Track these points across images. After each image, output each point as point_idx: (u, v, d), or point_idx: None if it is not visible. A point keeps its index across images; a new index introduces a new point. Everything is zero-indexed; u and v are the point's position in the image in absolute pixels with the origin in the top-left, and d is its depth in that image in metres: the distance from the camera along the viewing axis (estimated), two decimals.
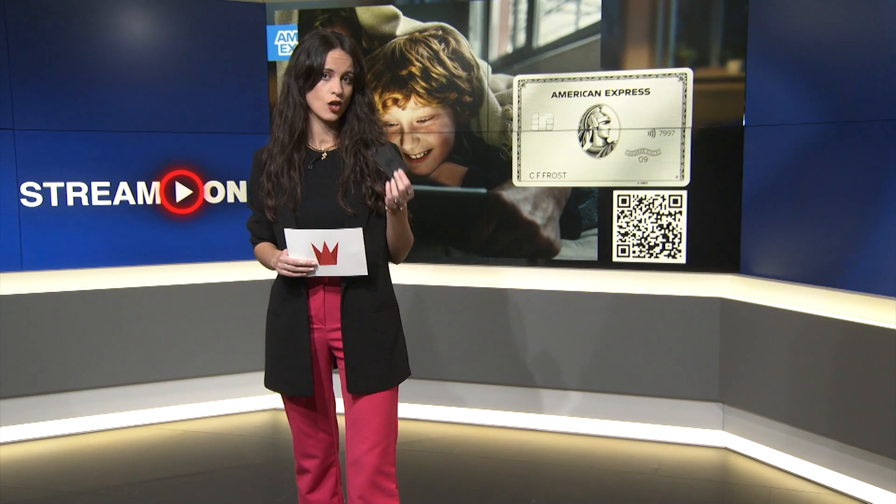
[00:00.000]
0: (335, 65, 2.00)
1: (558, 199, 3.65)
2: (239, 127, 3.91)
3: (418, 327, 3.78)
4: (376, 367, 2.07)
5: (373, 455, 2.04)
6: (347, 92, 2.03)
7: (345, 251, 1.95)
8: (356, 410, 2.07)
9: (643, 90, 3.48)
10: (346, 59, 2.02)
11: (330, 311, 2.07)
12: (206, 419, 3.92)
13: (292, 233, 1.97)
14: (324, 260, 1.96)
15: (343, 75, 2.02)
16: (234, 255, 3.87)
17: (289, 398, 2.14)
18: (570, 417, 3.71)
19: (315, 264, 1.97)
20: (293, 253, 1.98)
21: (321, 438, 2.16)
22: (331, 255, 1.96)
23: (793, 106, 3.18)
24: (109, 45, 3.70)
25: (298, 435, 2.16)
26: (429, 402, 3.87)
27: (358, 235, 1.94)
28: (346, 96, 2.03)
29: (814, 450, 3.15)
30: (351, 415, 2.09)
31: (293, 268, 1.99)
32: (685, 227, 3.49)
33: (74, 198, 3.69)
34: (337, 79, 2.01)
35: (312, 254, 1.96)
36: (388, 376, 2.08)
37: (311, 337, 2.08)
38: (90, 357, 3.69)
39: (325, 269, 1.98)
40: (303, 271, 1.99)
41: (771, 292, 3.28)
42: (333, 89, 2.00)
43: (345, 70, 2.02)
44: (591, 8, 3.54)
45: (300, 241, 1.96)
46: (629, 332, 3.55)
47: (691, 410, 3.53)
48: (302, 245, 1.96)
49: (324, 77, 2.01)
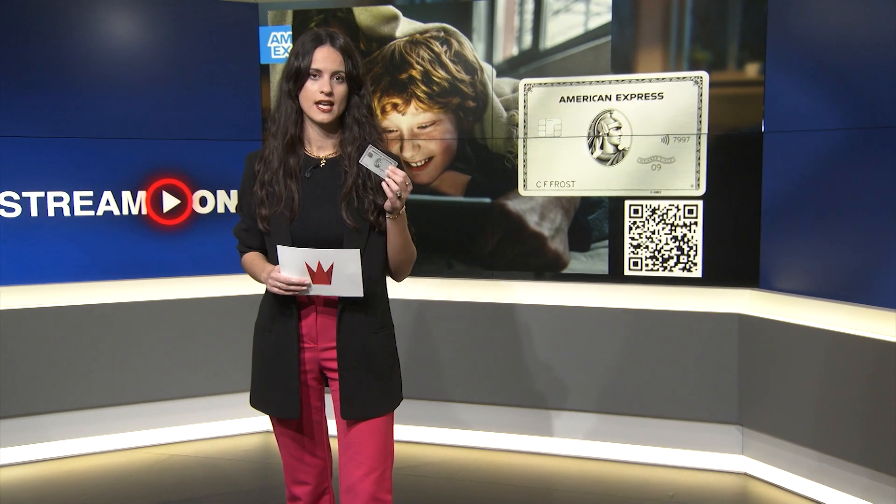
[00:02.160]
0: (323, 63, 1.96)
1: (567, 210, 3.59)
2: (229, 133, 3.85)
3: (419, 345, 3.73)
4: (373, 393, 2.04)
5: (369, 481, 2.01)
6: (339, 91, 1.99)
7: (340, 272, 1.90)
8: (350, 435, 2.04)
9: (656, 94, 3.42)
10: (334, 56, 1.98)
11: (322, 330, 2.03)
12: (193, 442, 3.84)
13: (285, 251, 1.92)
14: (317, 279, 1.92)
15: (333, 74, 1.98)
16: (224, 268, 3.79)
17: (278, 421, 2.10)
18: (580, 441, 3.65)
19: (308, 283, 1.93)
20: (285, 270, 1.93)
21: (313, 464, 2.12)
22: (325, 274, 1.91)
23: (815, 111, 3.12)
24: (93, 46, 3.63)
25: (289, 460, 2.12)
26: (430, 424, 3.80)
27: (355, 256, 1.89)
28: (338, 96, 1.99)
29: (841, 477, 3.05)
30: (345, 439, 2.05)
31: (284, 286, 1.94)
32: (701, 239, 3.43)
33: (55, 208, 3.61)
34: (326, 78, 1.97)
35: (306, 272, 1.92)
36: (384, 402, 2.06)
37: (301, 357, 2.04)
38: (70, 377, 3.60)
39: (318, 288, 1.94)
40: (294, 290, 1.94)
41: (792, 308, 3.20)
42: (322, 88, 1.96)
43: (334, 69, 1.98)
44: (601, 8, 3.47)
45: (293, 259, 1.91)
46: (642, 350, 3.48)
47: (708, 433, 3.46)
48: (295, 263, 1.91)
49: (312, 77, 1.97)
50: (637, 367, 3.49)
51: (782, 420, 3.20)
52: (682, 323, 3.41)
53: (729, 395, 3.37)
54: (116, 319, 3.65)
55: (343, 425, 2.04)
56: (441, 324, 3.72)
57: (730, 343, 3.35)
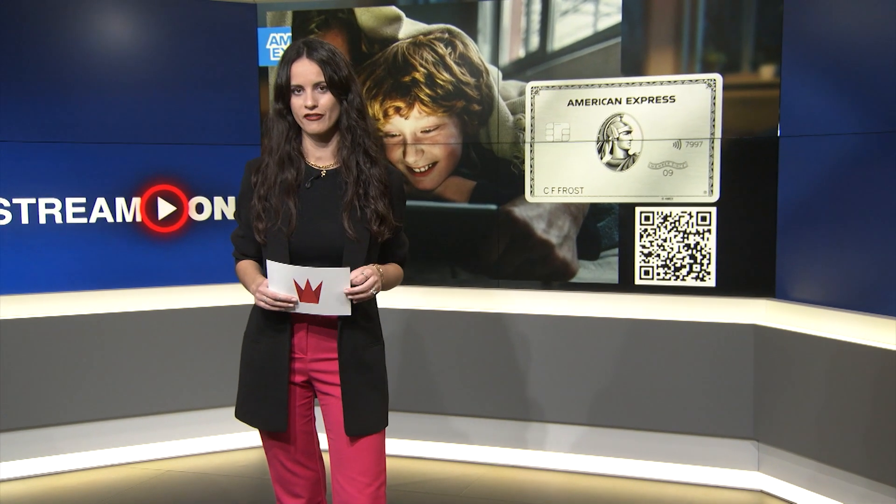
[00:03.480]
0: (302, 77, 1.99)
1: (575, 217, 3.56)
2: (227, 138, 3.81)
3: (420, 356, 3.69)
4: (372, 406, 2.06)
5: (364, 497, 2.03)
6: (324, 101, 2.01)
7: (329, 291, 1.92)
8: (344, 449, 2.05)
9: (668, 97, 3.40)
10: (310, 68, 1.99)
11: (313, 342, 2.05)
12: (188, 458, 3.78)
13: (275, 266, 1.94)
14: (305, 297, 1.94)
15: (315, 86, 2.00)
16: (221, 277, 3.75)
17: (268, 433, 2.11)
18: (588, 456, 3.60)
19: (295, 300, 1.95)
20: (273, 286, 1.96)
21: (306, 476, 2.13)
22: (313, 293, 1.93)
23: (833, 114, 3.09)
24: (85, 48, 3.58)
25: (282, 472, 2.13)
26: (430, 438, 3.75)
27: (345, 275, 1.92)
28: (323, 106, 2.01)
29: (863, 496, 2.99)
30: (338, 454, 2.07)
31: (271, 301, 1.96)
32: (714, 247, 3.40)
33: (47, 215, 3.57)
34: (308, 91, 2.00)
35: (293, 289, 1.93)
36: (382, 416, 2.09)
37: (291, 366, 2.05)
38: (60, 390, 3.55)
39: (305, 306, 1.96)
40: (281, 306, 1.96)
41: (810, 319, 3.17)
42: (305, 102, 2.00)
43: (314, 80, 1.99)
44: (611, 8, 3.44)
45: (282, 275, 1.93)
46: (653, 362, 3.45)
47: (723, 449, 3.42)
48: (283, 279, 1.93)
49: (294, 93, 2.01)
50: (648, 381, 3.45)
51: (800, 435, 3.16)
52: (695, 334, 3.38)
53: (744, 409, 3.33)
54: (109, 330, 3.61)
55: (338, 440, 2.05)
56: (444, 334, 3.68)
57: (745, 355, 3.31)
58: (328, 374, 2.04)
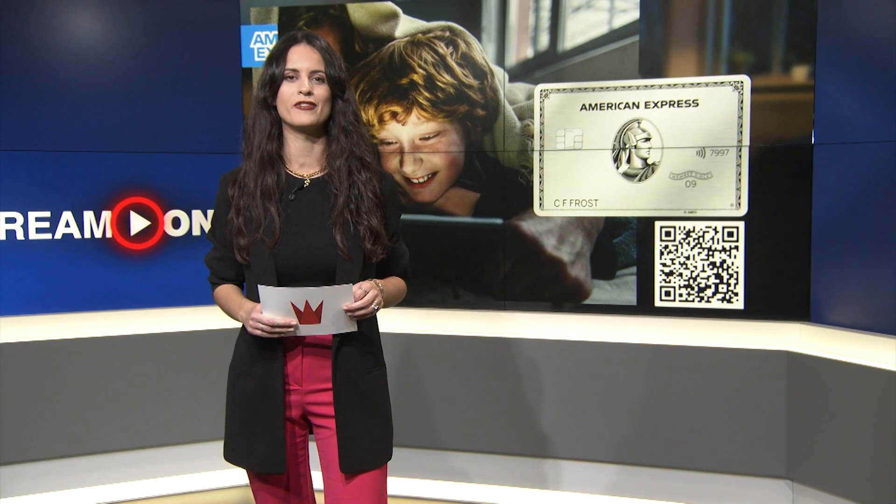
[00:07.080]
0: (300, 62, 1.93)
1: (589, 232, 3.48)
2: (206, 146, 3.74)
3: (419, 385, 3.61)
4: (371, 441, 1.99)
5: None
6: (320, 93, 1.95)
7: (331, 309, 1.85)
8: (343, 489, 1.99)
9: (690, 101, 3.33)
10: (312, 54, 1.95)
11: (309, 371, 1.98)
12: (163, 498, 3.66)
13: (269, 291, 1.84)
14: (305, 319, 1.86)
15: (312, 74, 1.94)
16: (201, 298, 3.56)
17: (257, 475, 2.04)
18: (603, 496, 3.51)
19: (295, 324, 1.86)
20: (268, 311, 1.86)
21: None
22: (314, 313, 1.85)
23: (872, 119, 3.02)
24: (50, 46, 3.50)
25: None
26: (429, 476, 3.66)
27: (347, 293, 1.85)
28: (319, 97, 1.94)
29: None
30: (335, 494, 2.00)
31: (269, 328, 1.87)
32: (743, 266, 3.32)
33: (7, 231, 3.47)
34: (304, 77, 1.93)
35: (292, 312, 1.85)
36: (382, 451, 2.02)
37: (286, 399, 1.99)
38: (22, 424, 3.43)
39: (307, 329, 1.88)
40: (280, 332, 1.87)
41: (847, 345, 3.10)
42: (300, 88, 1.92)
43: (313, 67, 1.94)
44: (628, 4, 3.36)
45: (278, 298, 1.85)
46: (675, 392, 3.37)
47: (753, 489, 3.33)
48: (279, 303, 1.85)
49: (288, 79, 1.94)
50: (670, 413, 3.38)
51: (837, 474, 3.09)
52: (721, 361, 3.30)
53: (776, 445, 3.26)
54: (76, 358, 3.50)
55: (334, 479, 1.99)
56: (445, 361, 3.60)
57: (777, 385, 3.24)
58: (324, 406, 1.98)
